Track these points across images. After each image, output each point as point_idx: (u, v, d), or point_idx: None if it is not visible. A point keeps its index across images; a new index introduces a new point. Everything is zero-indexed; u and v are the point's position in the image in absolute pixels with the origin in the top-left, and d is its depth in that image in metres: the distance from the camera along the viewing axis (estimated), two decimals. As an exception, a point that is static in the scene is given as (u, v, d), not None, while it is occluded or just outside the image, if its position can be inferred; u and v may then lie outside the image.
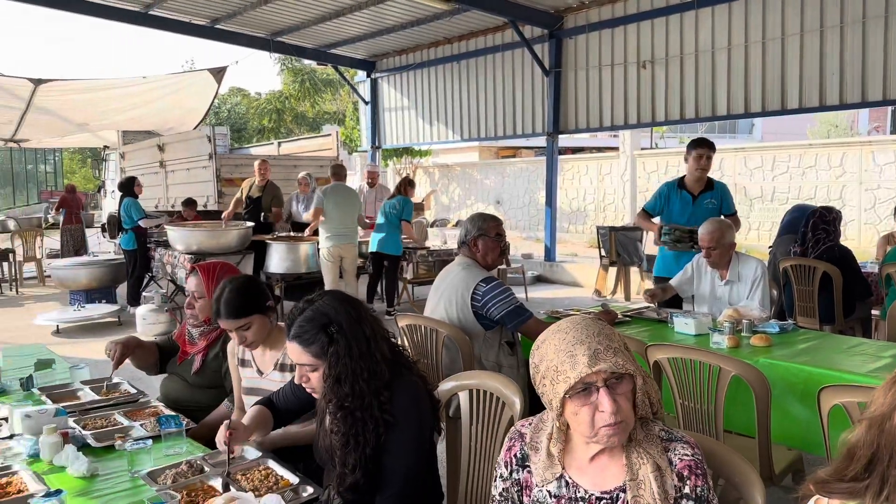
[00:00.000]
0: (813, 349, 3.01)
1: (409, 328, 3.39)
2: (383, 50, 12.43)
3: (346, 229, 7.35)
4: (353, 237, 7.46)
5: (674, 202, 4.80)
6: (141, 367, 2.95)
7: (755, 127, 28.27)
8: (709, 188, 4.73)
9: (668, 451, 1.39)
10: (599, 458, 1.42)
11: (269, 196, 8.46)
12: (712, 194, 4.73)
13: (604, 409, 1.32)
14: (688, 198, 4.73)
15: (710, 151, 4.64)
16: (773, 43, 7.80)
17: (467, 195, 19.68)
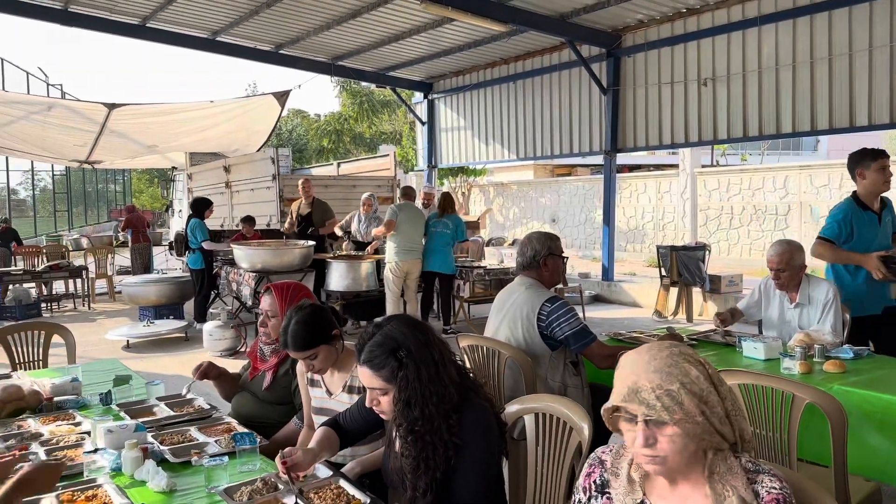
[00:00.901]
0: (891, 376, 2.90)
1: (470, 348, 3.40)
2: (440, 71, 12.59)
3: (415, 245, 7.60)
4: (419, 253, 7.68)
5: (862, 224, 4.00)
6: (225, 397, 3.05)
7: (820, 143, 27.38)
8: (883, 204, 4.12)
9: (754, 483, 1.36)
10: (681, 486, 1.41)
11: (318, 211, 8.85)
12: (887, 210, 4.15)
13: (637, 442, 1.34)
14: (874, 218, 4.06)
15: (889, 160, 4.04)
16: (840, 59, 7.59)
17: (523, 213, 19.64)
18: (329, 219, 8.88)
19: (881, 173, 3.94)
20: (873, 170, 3.95)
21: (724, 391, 1.39)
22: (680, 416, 1.32)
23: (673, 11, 8.95)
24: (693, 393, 1.34)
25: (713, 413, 1.35)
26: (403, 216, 7.52)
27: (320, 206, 8.91)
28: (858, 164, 4.03)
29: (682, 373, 1.35)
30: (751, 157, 24.43)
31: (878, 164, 3.94)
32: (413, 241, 7.58)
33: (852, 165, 4.07)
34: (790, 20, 7.94)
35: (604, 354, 3.15)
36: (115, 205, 33.20)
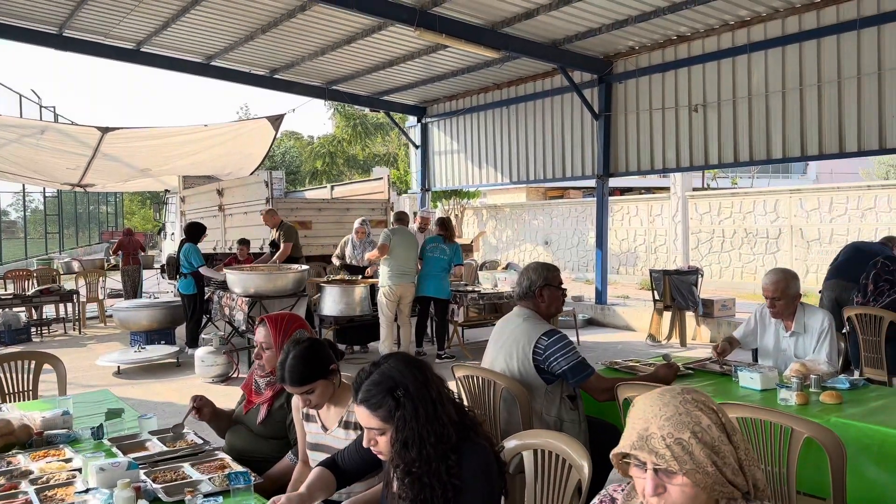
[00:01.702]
0: (887, 407, 2.90)
1: (465, 378, 3.38)
2: (434, 96, 12.68)
3: (408, 269, 7.59)
4: (413, 277, 7.68)
5: None
6: (220, 434, 3.01)
7: (809, 167, 27.67)
8: None
9: None
10: None
11: (282, 236, 8.85)
12: None
13: (646, 490, 1.32)
14: None
15: None
16: (829, 86, 7.69)
17: (516, 236, 19.69)
18: (286, 241, 8.78)
19: None
20: None
21: (737, 440, 1.35)
22: (690, 466, 1.29)
23: (664, 38, 9.07)
24: (704, 442, 1.30)
25: (725, 464, 1.32)
26: (397, 240, 7.51)
27: (284, 230, 8.91)
28: None
29: (693, 421, 1.32)
30: (741, 180, 24.65)
31: None
32: (407, 265, 7.57)
33: None
34: (779, 48, 8.05)
35: (602, 388, 3.14)
36: (106, 226, 33.06)
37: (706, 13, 8.06)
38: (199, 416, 2.82)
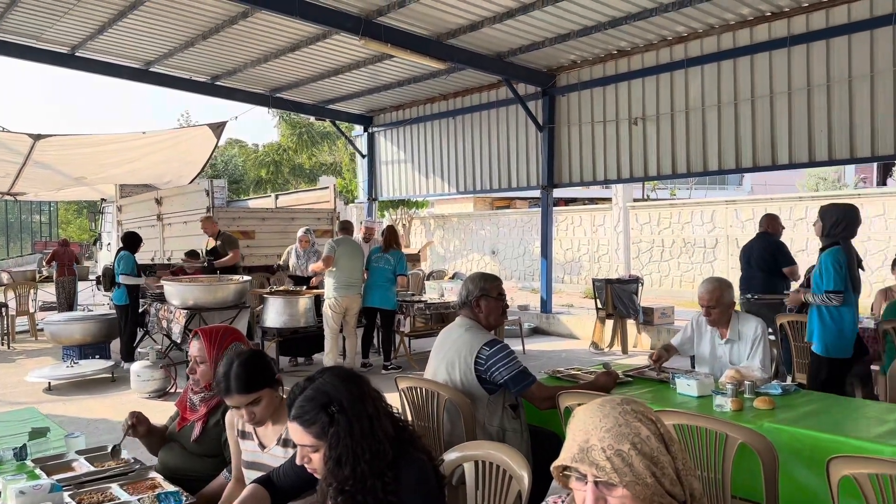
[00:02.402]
0: (817, 412, 3.00)
1: (409, 390, 3.36)
2: (380, 105, 12.65)
3: (354, 280, 7.50)
4: (359, 288, 7.60)
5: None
6: (154, 452, 2.89)
7: (745, 179, 28.67)
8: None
9: None
10: None
11: (224, 245, 8.72)
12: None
13: (585, 503, 1.31)
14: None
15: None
16: (761, 101, 7.98)
17: (463, 246, 19.77)
18: (232, 248, 8.67)
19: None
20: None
21: (675, 450, 1.36)
22: (630, 478, 1.28)
23: (605, 53, 9.27)
24: (644, 454, 1.30)
25: (664, 474, 1.31)
26: (342, 251, 7.42)
27: (226, 240, 8.76)
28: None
29: (633, 432, 1.32)
30: (680, 191, 25.35)
31: None
32: (352, 276, 7.48)
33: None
34: (715, 63, 8.33)
35: (544, 396, 3.16)
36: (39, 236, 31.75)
37: (645, 28, 8.27)
38: (134, 433, 2.71)
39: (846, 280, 4.31)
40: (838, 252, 4.36)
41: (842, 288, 4.27)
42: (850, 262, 4.40)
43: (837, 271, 4.29)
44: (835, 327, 4.33)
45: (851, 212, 4.50)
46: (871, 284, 11.31)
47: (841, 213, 4.49)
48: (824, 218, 4.52)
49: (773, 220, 6.90)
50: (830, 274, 4.29)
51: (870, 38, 7.05)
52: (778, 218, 6.97)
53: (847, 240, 4.48)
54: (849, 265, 4.36)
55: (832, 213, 4.51)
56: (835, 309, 4.33)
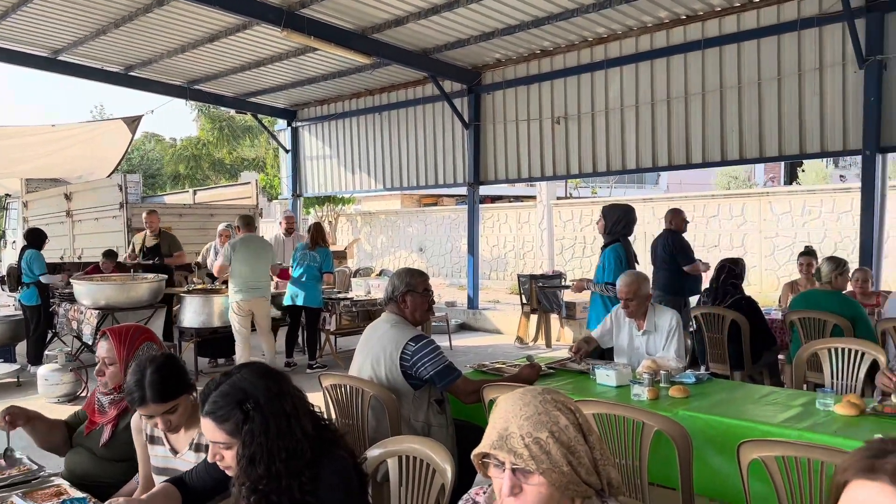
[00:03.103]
0: (728, 400, 3.13)
1: (333, 388, 3.31)
2: (304, 99, 12.43)
3: (258, 283, 7.04)
4: (264, 290, 7.16)
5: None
6: (47, 447, 2.72)
7: (661, 178, 29.73)
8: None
9: None
10: None
11: (166, 243, 8.39)
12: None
13: (503, 490, 1.32)
14: None
15: None
16: (677, 101, 8.28)
17: (391, 243, 19.69)
18: (178, 250, 8.40)
19: None
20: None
21: (592, 440, 1.39)
22: (547, 465, 1.30)
23: (528, 52, 9.41)
24: (561, 442, 1.33)
25: (580, 463, 1.34)
26: (241, 255, 6.89)
27: (168, 238, 8.43)
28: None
29: (552, 421, 1.34)
30: (601, 190, 26.05)
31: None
32: (257, 278, 7.02)
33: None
34: (633, 64, 8.58)
35: (469, 390, 3.18)
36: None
37: (567, 29, 8.44)
38: (12, 427, 2.55)
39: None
40: (619, 248, 4.87)
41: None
42: (629, 258, 4.91)
43: (618, 265, 4.79)
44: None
45: (630, 211, 5.04)
46: (779, 278, 11.96)
47: (621, 213, 5.00)
48: (607, 217, 5.00)
49: (676, 215, 7.10)
50: (612, 267, 4.79)
51: (777, 43, 7.42)
52: (682, 213, 7.14)
53: (626, 237, 5.00)
54: (627, 260, 4.88)
55: (613, 212, 5.00)
56: (615, 298, 4.68)
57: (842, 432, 2.56)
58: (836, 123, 7.09)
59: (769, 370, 5.35)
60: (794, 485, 2.12)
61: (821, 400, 2.90)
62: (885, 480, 0.93)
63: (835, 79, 7.07)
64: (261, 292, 7.08)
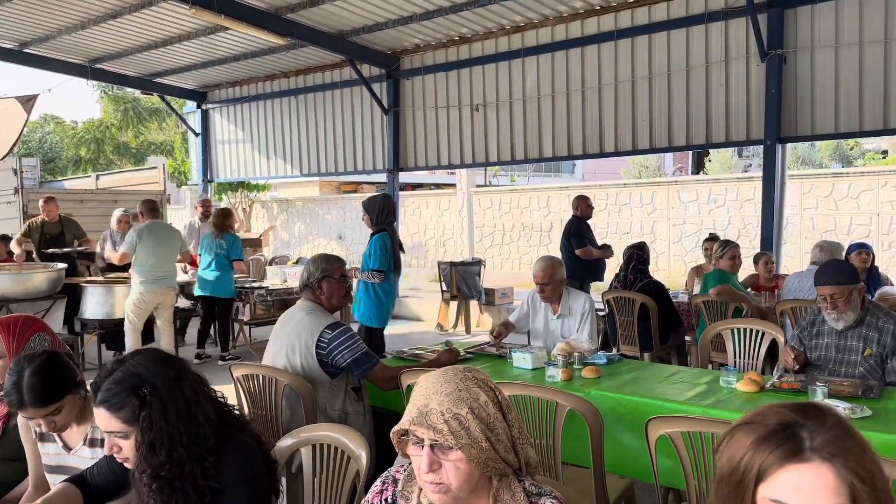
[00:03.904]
0: (637, 379, 3.23)
1: (245, 378, 3.20)
2: (215, 80, 11.97)
3: (164, 272, 6.64)
4: (171, 280, 6.76)
5: None
6: None
7: (577, 167, 30.47)
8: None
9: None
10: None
11: (70, 231, 7.98)
12: None
13: (421, 467, 1.33)
14: None
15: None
16: (591, 91, 8.46)
17: (309, 230, 19.34)
18: (83, 237, 7.95)
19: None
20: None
21: (511, 418, 1.41)
22: (466, 441, 1.31)
23: (447, 38, 9.39)
24: (480, 419, 1.34)
25: (498, 440, 1.36)
26: (148, 244, 6.48)
27: (72, 225, 7.95)
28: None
29: (472, 397, 1.35)
30: (519, 178, 26.46)
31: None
32: (164, 267, 6.63)
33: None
34: (549, 54, 8.71)
35: (387, 377, 3.15)
36: None
37: (485, 17, 8.46)
38: None
39: (390, 261, 5.08)
40: (385, 236, 5.09)
41: (385, 268, 5.04)
42: (394, 246, 5.16)
43: (384, 253, 5.04)
44: (377, 301, 5.12)
45: (388, 199, 5.29)
46: (686, 264, 12.48)
47: (381, 203, 5.20)
48: (370, 210, 5.19)
49: (581, 201, 7.39)
50: (378, 255, 5.04)
51: (686, 35, 7.68)
52: (587, 199, 7.43)
53: (391, 224, 5.25)
54: (393, 247, 5.12)
55: (374, 204, 5.20)
56: (378, 285, 5.09)
57: (743, 408, 2.68)
58: (741, 114, 7.42)
59: (676, 351, 5.57)
60: (698, 459, 2.20)
61: (724, 378, 3.04)
62: (816, 460, 0.94)
63: (739, 71, 7.39)
64: (168, 282, 6.71)
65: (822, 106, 6.91)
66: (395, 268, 5.19)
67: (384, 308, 5.21)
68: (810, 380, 2.93)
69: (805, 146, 26.29)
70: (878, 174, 12.34)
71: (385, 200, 5.29)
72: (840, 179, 12.54)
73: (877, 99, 6.62)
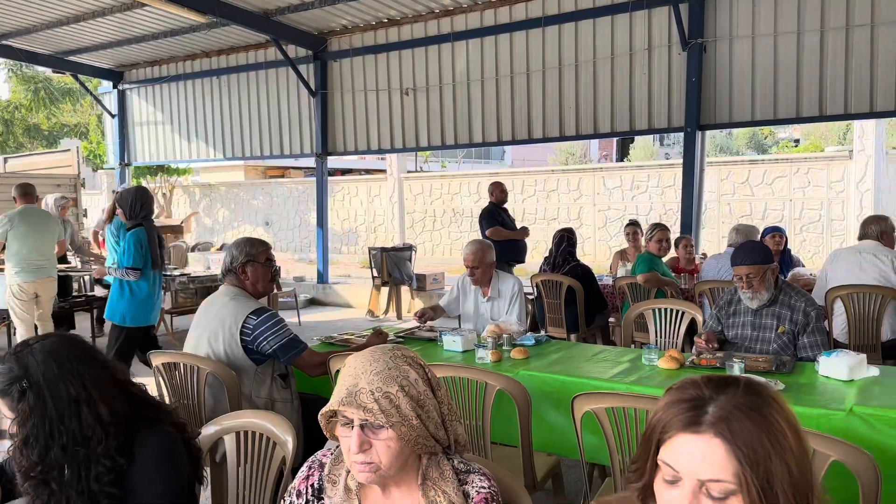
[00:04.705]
0: (564, 358, 3.29)
1: (165, 367, 3.08)
2: (132, 60, 11.44)
3: (42, 260, 6.20)
4: (50, 270, 6.32)
5: None
6: None
7: (506, 153, 30.79)
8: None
9: (465, 484, 1.38)
10: (395, 495, 1.40)
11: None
12: None
13: (350, 448, 1.32)
14: None
15: None
16: (519, 77, 8.52)
17: (234, 216, 18.83)
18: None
19: None
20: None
21: (441, 395, 1.41)
22: (397, 419, 1.30)
23: (375, 20, 9.25)
24: (411, 396, 1.33)
25: (429, 418, 1.35)
26: (21, 230, 6.03)
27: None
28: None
29: (402, 375, 1.35)
30: (450, 164, 26.53)
31: None
32: (42, 255, 6.19)
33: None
34: (478, 39, 8.70)
35: (315, 363, 3.09)
36: None
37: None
38: None
39: (147, 258, 4.91)
40: (141, 232, 4.91)
41: (140, 265, 4.86)
42: (151, 241, 4.96)
43: (138, 250, 4.87)
44: (133, 299, 4.92)
45: (143, 193, 5.07)
46: (611, 248, 12.81)
47: (136, 196, 4.98)
48: (122, 204, 4.99)
49: (496, 187, 7.52)
50: (131, 252, 4.85)
51: (611, 23, 7.82)
52: (501, 185, 7.57)
53: (149, 219, 5.05)
54: (150, 244, 4.94)
55: (128, 196, 4.98)
56: (135, 283, 4.90)
57: (664, 384, 2.76)
58: (663, 102, 7.63)
59: (602, 332, 5.72)
60: (622, 434, 2.25)
61: (646, 355, 3.13)
62: (709, 433, 0.97)
63: (661, 60, 7.58)
64: (46, 272, 6.24)
65: (740, 94, 7.18)
66: (154, 264, 4.98)
67: (142, 306, 4.97)
68: (728, 356, 3.05)
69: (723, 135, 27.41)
70: (791, 161, 12.98)
71: (138, 193, 4.98)
72: (756, 166, 13.12)
73: (790, 88, 6.93)
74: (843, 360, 2.76)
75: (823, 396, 2.59)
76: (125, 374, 1.69)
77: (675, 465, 0.99)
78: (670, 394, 1.05)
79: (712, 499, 0.96)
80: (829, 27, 6.67)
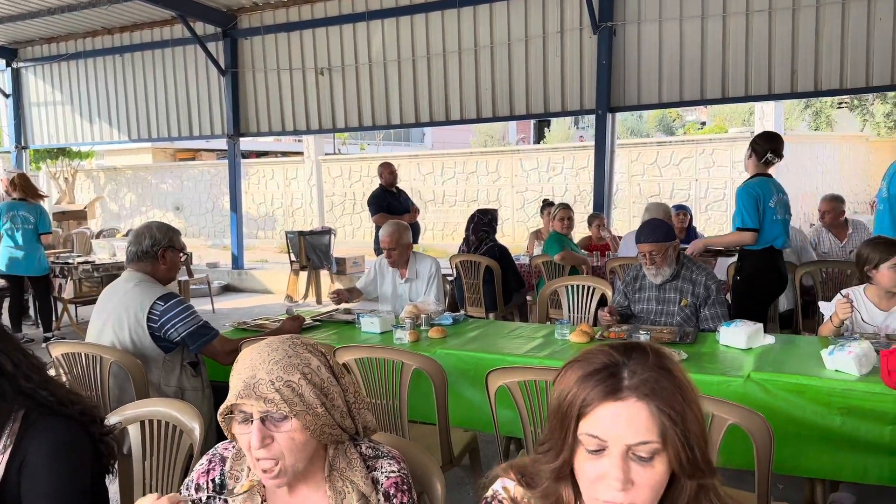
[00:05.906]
0: (480, 336, 3.33)
1: (66, 357, 2.93)
2: (27, 36, 10.71)
3: None
4: None
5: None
6: None
7: (426, 135, 30.75)
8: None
9: (374, 470, 1.35)
10: (302, 490, 1.35)
11: None
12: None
13: (251, 444, 1.25)
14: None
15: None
16: (436, 58, 8.50)
17: (141, 201, 18.06)
18: None
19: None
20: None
21: (345, 382, 1.36)
22: (300, 408, 1.25)
23: (287, -3, 9.00)
24: (314, 384, 1.29)
25: (334, 406, 1.31)
26: None
27: None
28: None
29: (303, 363, 1.30)
30: (369, 146, 26.26)
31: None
32: None
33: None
34: (394, 18, 8.61)
35: (227, 350, 3.01)
36: None
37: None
38: None
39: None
40: None
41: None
42: None
43: None
44: None
45: None
46: (528, 228, 13.05)
47: None
48: None
49: (384, 168, 7.53)
50: None
51: (524, 5, 7.88)
52: (389, 166, 7.59)
53: None
54: None
55: None
56: None
57: (575, 357, 2.84)
58: (575, 84, 7.78)
59: (519, 310, 5.83)
60: (534, 406, 2.31)
61: (559, 330, 3.21)
62: (632, 397, 0.99)
63: (573, 43, 7.71)
64: None
65: (648, 77, 7.40)
66: None
67: None
68: (634, 329, 3.17)
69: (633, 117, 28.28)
70: (697, 143, 13.56)
71: None
72: (664, 148, 13.64)
73: (695, 71, 7.20)
74: (742, 329, 2.92)
75: (723, 364, 2.73)
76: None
77: (601, 435, 0.99)
78: (577, 367, 1.05)
79: (640, 461, 0.98)
80: (731, 12, 6.95)
